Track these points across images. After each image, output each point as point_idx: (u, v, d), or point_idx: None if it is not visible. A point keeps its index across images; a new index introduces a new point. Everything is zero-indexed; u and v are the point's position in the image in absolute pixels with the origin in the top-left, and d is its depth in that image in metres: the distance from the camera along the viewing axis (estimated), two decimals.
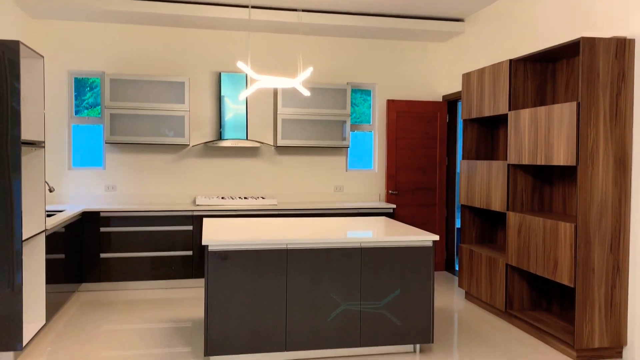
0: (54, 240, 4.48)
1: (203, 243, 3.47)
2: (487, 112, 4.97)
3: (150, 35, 6.05)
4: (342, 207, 6.02)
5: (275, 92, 6.21)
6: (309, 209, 5.93)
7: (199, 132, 6.22)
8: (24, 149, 4.01)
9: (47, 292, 4.18)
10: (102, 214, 5.49)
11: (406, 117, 6.56)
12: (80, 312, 4.77)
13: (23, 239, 3.63)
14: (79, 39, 5.90)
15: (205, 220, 4.49)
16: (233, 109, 6.14)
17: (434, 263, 3.86)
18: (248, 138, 6.30)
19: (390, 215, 6.15)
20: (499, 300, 4.72)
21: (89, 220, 5.47)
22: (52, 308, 4.41)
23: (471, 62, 6.10)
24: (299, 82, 4.52)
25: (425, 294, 3.83)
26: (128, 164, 6.07)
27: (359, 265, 3.72)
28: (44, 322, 4.08)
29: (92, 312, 4.80)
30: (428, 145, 6.63)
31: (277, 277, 3.61)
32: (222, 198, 5.93)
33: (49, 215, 4.97)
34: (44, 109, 4.05)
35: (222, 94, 6.11)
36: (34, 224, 4.04)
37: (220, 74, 6.13)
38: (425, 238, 3.80)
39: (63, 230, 4.86)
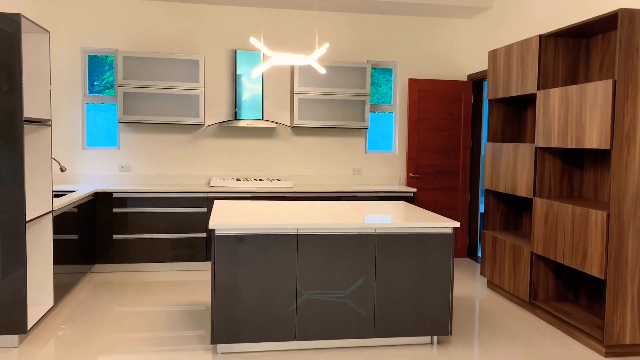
0: (64, 221, 4.39)
1: (210, 226, 3.32)
2: (514, 92, 4.69)
3: (164, 12, 5.88)
4: (360, 191, 5.81)
5: (292, 70, 5.99)
6: (326, 192, 5.74)
7: (214, 112, 6.06)
8: (29, 127, 3.90)
9: (57, 273, 4.11)
10: (114, 195, 5.39)
11: (429, 97, 6.28)
12: (92, 294, 4.70)
13: (27, 219, 3.53)
14: (92, 16, 5.76)
15: (216, 202, 4.34)
16: (249, 88, 5.96)
17: (454, 251, 3.64)
18: (264, 118, 6.11)
19: (411, 199, 5.93)
20: (522, 290, 4.49)
21: (101, 201, 5.38)
22: (63, 289, 4.34)
23: (498, 39, 5.78)
24: (314, 59, 4.30)
25: (444, 283, 3.62)
26: (142, 144, 5.95)
27: (373, 253, 3.53)
28: (52, 304, 4.00)
29: (103, 294, 4.72)
30: (451, 127, 6.35)
31: (287, 263, 3.44)
32: (237, 180, 5.78)
33: (59, 195, 4.88)
34: (50, 86, 3.92)
35: (237, 73, 5.92)
36: (41, 204, 3.95)
37: (235, 51, 5.94)
38: (445, 225, 3.59)
39: (76, 210, 4.78)
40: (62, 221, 4.37)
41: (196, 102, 5.73)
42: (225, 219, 3.50)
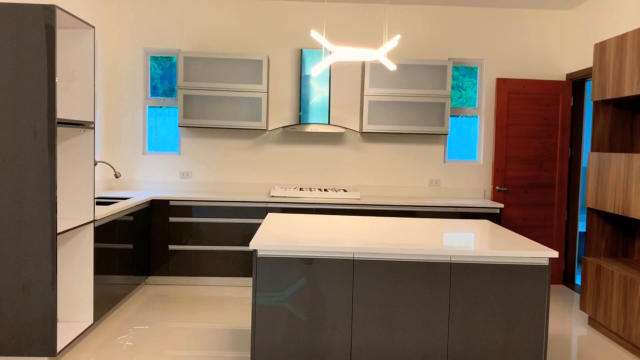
0: (119, 229, 4.12)
1: (251, 245, 2.83)
2: (628, 91, 3.85)
3: (228, 9, 5.53)
4: (437, 205, 5.14)
5: (363, 70, 5.44)
6: (398, 205, 5.12)
7: (278, 116, 5.63)
8: (69, 130, 3.63)
9: (108, 284, 3.83)
10: (171, 203, 5.08)
11: (520, 100, 5.49)
12: (143, 308, 4.38)
13: (61, 230, 3.22)
14: (155, 15, 5.53)
15: (268, 215, 3.87)
16: (315, 90, 5.47)
17: (549, 284, 2.92)
18: (330, 123, 5.60)
19: (496, 216, 5.16)
20: (636, 335, 3.64)
21: (158, 209, 5.09)
22: (113, 301, 4.05)
23: (604, 32, 4.90)
24: (383, 53, 3.73)
25: (536, 325, 2.90)
26: (203, 150, 5.63)
27: (447, 285, 2.89)
28: (91, 322, 3.70)
29: (154, 309, 4.39)
30: (546, 134, 5.52)
31: (341, 291, 2.88)
32: (300, 189, 5.29)
33: (108, 203, 4.62)
34: (94, 86, 3.63)
35: (303, 73, 5.45)
36: (81, 213, 3.66)
37: (302, 50, 5.47)
38: (540, 254, 2.87)
39: (131, 218, 4.52)
40: (115, 229, 4.10)
41: (259, 106, 5.32)
42: (271, 237, 3.00)
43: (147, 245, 5.03)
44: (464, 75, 5.79)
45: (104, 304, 3.96)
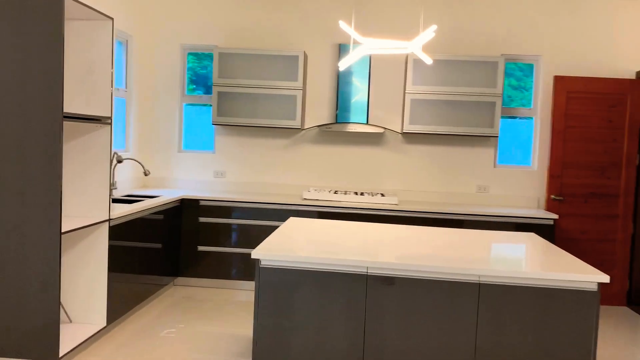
0: (139, 228, 4.01)
1: (253, 254, 2.58)
2: None
3: (265, 2, 5.32)
4: (484, 214, 4.70)
5: (405, 66, 5.08)
6: (439, 213, 4.72)
7: (314, 114, 5.36)
8: (86, 125, 3.51)
9: (136, 283, 3.72)
10: (201, 203, 4.93)
11: (580, 100, 4.96)
12: (168, 311, 4.23)
13: (70, 229, 3.10)
14: (192, 9, 5.40)
15: (290, 220, 3.61)
16: (353, 87, 5.16)
17: (598, 315, 2.49)
18: (369, 122, 5.27)
19: (550, 228, 4.67)
20: None
21: (188, 209, 4.95)
22: (138, 300, 3.96)
23: None
24: (417, 46, 3.39)
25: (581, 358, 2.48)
26: (237, 148, 5.45)
27: (474, 310, 2.52)
28: (104, 324, 3.57)
29: (178, 311, 4.24)
30: (610, 138, 4.95)
31: (350, 310, 2.57)
32: (335, 192, 5.00)
33: (135, 201, 4.50)
34: (112, 80, 3.49)
35: (340, 70, 5.15)
36: (96, 212, 3.53)
37: (340, 46, 5.18)
38: (587, 278, 2.45)
39: (161, 217, 4.43)
40: (138, 228, 3.99)
41: (293, 103, 5.08)
42: (278, 245, 2.73)
43: (176, 245, 4.90)
44: (527, 75, 5.28)
45: (121, 306, 3.84)
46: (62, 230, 3.03)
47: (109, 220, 3.57)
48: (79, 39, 3.48)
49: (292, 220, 3.61)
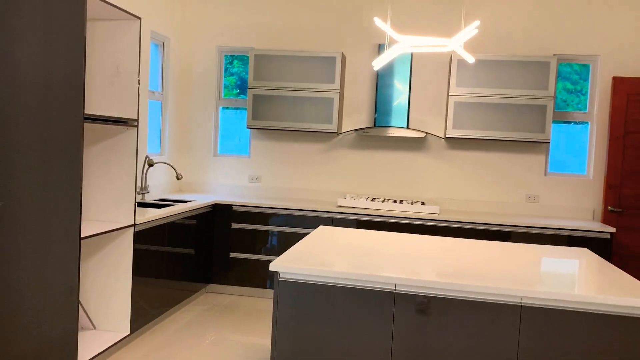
0: (167, 233, 3.91)
1: (271, 267, 2.39)
2: None
3: (302, 3, 5.16)
4: (533, 226, 4.36)
5: (449, 66, 4.80)
6: (484, 223, 4.41)
7: (352, 118, 5.15)
8: (112, 128, 3.44)
9: (157, 292, 3.60)
10: (234, 208, 4.80)
11: None
12: (198, 319, 4.12)
13: (91, 234, 3.01)
14: (229, 11, 5.30)
15: (320, 228, 3.41)
16: (392, 90, 4.92)
17: None
18: (409, 126, 5.01)
19: (606, 243, 4.27)
20: None
21: (220, 214, 4.83)
22: (160, 311, 3.83)
23: None
24: (458, 43, 3.13)
25: None
26: (273, 153, 5.31)
27: (514, 335, 2.24)
28: (127, 332, 3.47)
29: (208, 319, 4.11)
30: None
31: (376, 331, 2.35)
32: (372, 200, 4.76)
33: (166, 205, 4.41)
34: (139, 81, 3.41)
35: (380, 72, 4.92)
36: (120, 216, 3.45)
37: (379, 46, 4.95)
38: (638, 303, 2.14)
39: (194, 222, 4.38)
40: (166, 233, 3.90)
41: (330, 106, 4.89)
42: (299, 256, 2.54)
43: (208, 251, 4.79)
44: (584, 78, 4.88)
45: (148, 313, 3.74)
46: (83, 235, 2.95)
47: (134, 225, 3.47)
48: (106, 40, 3.42)
49: (321, 229, 3.41)
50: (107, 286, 3.49)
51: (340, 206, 4.71)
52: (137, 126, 3.45)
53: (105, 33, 3.42)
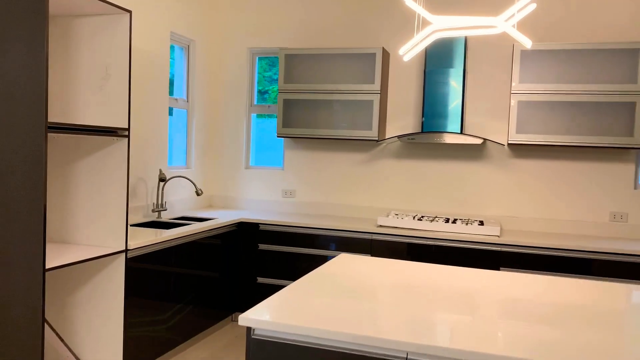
0: (201, 254, 3.47)
1: (240, 322, 1.79)
2: None
3: None
4: (620, 252, 3.48)
5: (512, 59, 4.02)
6: (555, 248, 3.59)
7: (396, 124, 4.47)
8: (98, 139, 2.98)
9: (165, 323, 3.11)
10: (261, 227, 4.26)
11: None
12: (221, 352, 3.60)
13: (59, 264, 2.55)
14: (259, 10, 4.79)
15: (339, 257, 2.77)
16: (443, 89, 4.18)
17: None
18: (464, 131, 4.26)
19: None
20: None
21: (246, 233, 4.30)
22: (186, 335, 3.34)
23: None
24: (508, 22, 2.42)
25: None
26: (308, 164, 4.72)
27: None
28: None
29: (232, 354, 3.58)
30: None
31: None
32: (420, 219, 4.05)
33: (183, 224, 3.93)
34: (129, 86, 2.93)
35: (427, 69, 4.21)
36: (109, 240, 2.98)
37: None
38: None
39: (218, 242, 3.94)
40: (190, 256, 3.47)
41: (369, 110, 4.24)
42: (285, 305, 1.91)
43: (234, 276, 4.27)
44: None
45: (148, 350, 3.25)
46: (50, 266, 2.49)
47: (126, 251, 3.00)
48: (94, 38, 2.98)
49: (340, 259, 2.77)
50: (96, 324, 3.03)
51: (380, 226, 4.03)
52: (128, 136, 2.97)
53: (92, 30, 2.98)
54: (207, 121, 4.86)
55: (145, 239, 3.17)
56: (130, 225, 3.71)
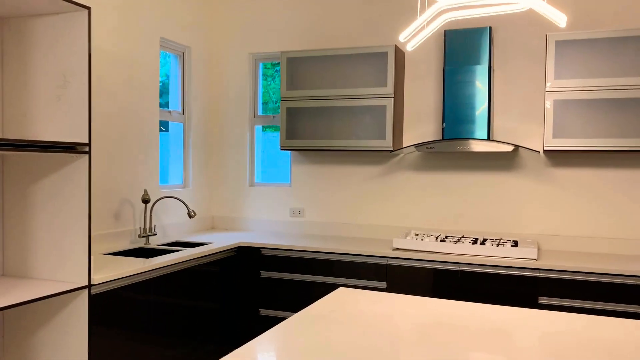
0: (198, 283, 3.01)
1: None
2: None
3: None
4: None
5: (545, 52, 3.47)
6: (605, 274, 2.99)
7: (415, 132, 3.95)
8: (54, 156, 2.57)
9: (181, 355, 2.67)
10: (262, 252, 3.78)
11: None
12: None
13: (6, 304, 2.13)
14: (261, 13, 4.37)
15: (337, 291, 2.26)
16: (467, 90, 3.64)
17: None
18: (492, 138, 3.70)
19: None
20: None
21: (246, 259, 3.83)
22: None
23: None
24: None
25: None
26: (317, 180, 4.24)
27: None
28: None
29: None
30: None
31: None
32: (443, 240, 3.49)
33: (172, 251, 3.49)
34: (89, 94, 2.52)
35: (446, 67, 3.68)
36: (71, 275, 2.55)
37: (445, 33, 3.72)
38: None
39: (216, 269, 3.52)
40: (187, 286, 3.05)
41: (382, 116, 3.74)
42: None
43: (233, 308, 3.80)
44: None
45: None
46: (5, 304, 2.07)
47: (89, 286, 2.56)
48: (51, 41, 2.58)
49: (338, 293, 2.26)
50: None
51: (396, 249, 3.50)
52: (89, 152, 2.55)
53: (49, 32, 2.59)
54: (206, 135, 4.44)
55: (117, 272, 2.72)
56: (112, 254, 3.29)
